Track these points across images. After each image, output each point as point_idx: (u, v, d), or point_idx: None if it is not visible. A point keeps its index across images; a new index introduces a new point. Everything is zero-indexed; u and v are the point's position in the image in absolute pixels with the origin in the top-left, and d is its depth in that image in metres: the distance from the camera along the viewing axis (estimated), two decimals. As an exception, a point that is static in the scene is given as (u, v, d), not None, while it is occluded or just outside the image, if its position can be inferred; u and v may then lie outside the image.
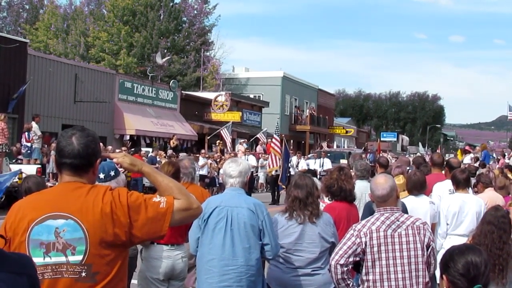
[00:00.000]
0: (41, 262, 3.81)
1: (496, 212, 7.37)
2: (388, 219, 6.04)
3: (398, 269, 5.95)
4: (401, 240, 5.98)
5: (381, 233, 5.98)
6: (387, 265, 5.95)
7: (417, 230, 6.05)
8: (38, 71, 33.88)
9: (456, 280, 3.58)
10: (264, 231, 6.65)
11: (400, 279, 5.95)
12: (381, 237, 5.97)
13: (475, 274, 3.53)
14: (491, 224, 7.19)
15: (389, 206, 6.14)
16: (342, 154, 43.90)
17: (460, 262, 3.58)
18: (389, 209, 6.11)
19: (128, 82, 42.05)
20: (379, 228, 6.00)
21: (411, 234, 6.01)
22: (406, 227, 6.03)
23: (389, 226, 6.00)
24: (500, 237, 7.13)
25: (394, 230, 5.99)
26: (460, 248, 3.73)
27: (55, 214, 3.85)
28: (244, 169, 6.92)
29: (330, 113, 79.35)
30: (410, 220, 6.13)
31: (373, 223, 6.05)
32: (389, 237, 5.97)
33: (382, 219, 6.05)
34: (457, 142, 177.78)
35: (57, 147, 4.06)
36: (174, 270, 7.85)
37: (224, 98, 50.35)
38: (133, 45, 59.52)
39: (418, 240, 6.02)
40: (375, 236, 5.97)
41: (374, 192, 6.16)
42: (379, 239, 5.97)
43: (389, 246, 5.96)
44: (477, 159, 30.14)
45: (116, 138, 39.91)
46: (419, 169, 12.22)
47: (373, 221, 6.07)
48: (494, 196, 10.52)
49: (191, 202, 4.06)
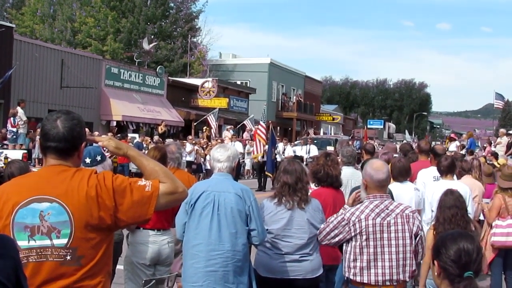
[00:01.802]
0: (26, 245, 3.79)
1: (453, 195, 7.57)
2: (377, 207, 6.04)
3: (386, 257, 5.96)
4: (389, 228, 5.99)
5: (370, 221, 5.98)
6: (374, 253, 5.96)
7: (406, 218, 6.06)
8: (24, 56, 33.71)
9: (447, 266, 3.57)
10: (251, 217, 6.63)
11: (387, 267, 5.96)
12: (369, 225, 5.97)
13: (467, 261, 3.52)
14: (454, 207, 7.38)
15: (383, 192, 6.15)
16: (329, 141, 43.91)
17: (452, 248, 3.57)
18: (378, 196, 6.11)
19: (114, 68, 41.90)
20: (368, 216, 6.00)
21: (400, 222, 6.01)
22: (396, 215, 6.03)
23: (378, 214, 6.00)
24: (463, 217, 7.42)
25: (383, 219, 5.99)
26: (453, 234, 3.72)
27: (40, 197, 3.82)
28: (232, 154, 6.90)
29: (317, 100, 79.37)
30: (400, 208, 6.12)
31: (362, 211, 6.05)
32: (378, 226, 5.98)
33: (371, 207, 6.05)
34: (443, 130, 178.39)
35: (42, 131, 4.02)
36: (160, 255, 7.83)
37: (211, 84, 50.25)
38: (120, 30, 59.25)
39: (407, 229, 6.03)
40: (364, 225, 5.97)
41: (374, 176, 6.12)
42: (367, 228, 5.97)
43: (378, 235, 5.96)
44: (463, 146, 30.24)
45: (103, 124, 39.79)
46: (407, 156, 12.25)
47: (362, 209, 6.07)
48: (471, 183, 10.54)
49: (177, 186, 4.04)
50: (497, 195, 10.25)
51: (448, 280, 3.62)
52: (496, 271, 10.21)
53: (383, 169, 6.16)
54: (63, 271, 3.82)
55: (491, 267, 10.16)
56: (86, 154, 7.12)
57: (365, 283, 5.98)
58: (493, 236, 10.09)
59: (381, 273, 5.95)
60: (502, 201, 10.09)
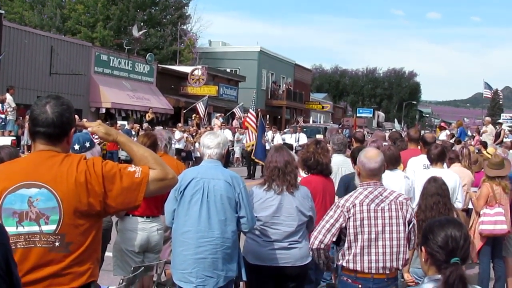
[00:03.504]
0: (14, 231, 3.77)
1: (436, 183, 7.61)
2: (371, 194, 6.06)
3: (380, 243, 5.97)
4: (383, 214, 6.00)
5: (365, 207, 5.99)
6: (369, 239, 5.97)
7: (400, 205, 6.08)
8: (13, 43, 33.50)
9: (434, 252, 3.60)
10: (240, 204, 6.63)
11: (381, 253, 5.97)
12: (364, 211, 5.98)
13: (454, 247, 3.54)
14: (436, 195, 7.44)
15: (376, 179, 6.16)
16: (318, 129, 44.05)
17: (439, 235, 3.59)
18: (372, 183, 6.13)
19: (104, 55, 41.73)
20: (362, 202, 6.01)
21: (394, 209, 6.03)
22: (389, 202, 6.05)
23: (373, 200, 6.02)
24: (445, 205, 7.48)
25: (377, 205, 6.01)
26: (440, 221, 3.74)
27: (29, 183, 3.80)
28: (222, 141, 6.90)
29: (306, 89, 79.30)
30: (393, 195, 6.15)
31: (356, 197, 6.06)
32: (372, 211, 5.99)
33: (365, 193, 6.06)
34: (432, 119, 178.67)
35: (31, 115, 4.00)
36: (149, 242, 7.82)
37: (200, 72, 50.09)
38: (109, 17, 59.05)
39: (400, 215, 6.04)
40: (358, 210, 5.98)
41: (366, 165, 6.14)
42: (362, 213, 5.98)
43: (372, 221, 5.98)
44: (453, 135, 30.29)
45: (92, 111, 39.66)
46: (396, 144, 12.24)
47: (356, 195, 6.08)
48: (460, 171, 10.57)
49: (167, 172, 4.03)
50: (485, 183, 10.28)
51: (435, 266, 3.64)
52: (484, 259, 10.26)
53: (376, 158, 6.16)
54: (52, 258, 3.81)
55: (480, 255, 10.20)
56: (75, 140, 7.08)
57: (357, 270, 5.99)
58: (481, 225, 10.12)
59: (375, 260, 5.95)
60: (489, 189, 10.13)
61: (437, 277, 3.56)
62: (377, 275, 5.98)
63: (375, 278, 5.99)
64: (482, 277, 10.18)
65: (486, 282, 10.14)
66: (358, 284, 6.00)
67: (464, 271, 3.47)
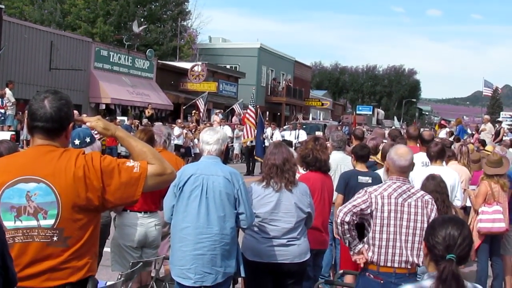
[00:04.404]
0: (12, 226, 3.78)
1: (435, 180, 7.65)
2: (400, 188, 6.15)
3: (403, 238, 6.04)
4: (410, 210, 6.08)
5: (393, 200, 6.07)
6: (394, 232, 6.04)
7: (426, 203, 6.17)
8: (13, 38, 33.47)
9: (432, 247, 3.70)
10: (239, 200, 6.63)
11: (404, 247, 6.02)
12: (392, 203, 6.06)
13: (450, 244, 3.62)
14: (435, 192, 7.44)
15: (404, 176, 6.24)
16: (318, 126, 44.03)
17: (439, 231, 3.69)
18: (401, 179, 6.20)
19: (104, 51, 41.72)
20: (390, 194, 6.09)
21: (420, 206, 6.13)
22: (416, 198, 6.16)
23: (401, 194, 6.12)
24: (443, 202, 7.50)
25: (404, 200, 6.10)
26: (443, 219, 3.84)
27: (27, 178, 3.81)
28: (222, 137, 6.89)
29: (306, 85, 79.27)
30: (420, 193, 6.27)
31: (385, 189, 6.13)
32: (399, 205, 6.07)
33: (394, 187, 6.15)
34: (432, 116, 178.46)
35: (29, 110, 4.00)
36: (147, 238, 7.81)
37: (200, 68, 50.08)
38: (109, 13, 59.01)
39: (425, 213, 6.13)
40: (387, 202, 6.05)
41: (396, 162, 6.21)
42: (390, 206, 6.05)
43: (398, 214, 6.06)
44: (452, 133, 30.30)
45: (92, 106, 39.64)
46: (395, 141, 12.23)
47: (385, 187, 6.16)
48: (457, 169, 10.57)
49: (165, 167, 4.03)
50: (483, 181, 10.29)
51: (433, 262, 3.72)
52: (482, 257, 10.27)
53: (407, 156, 6.23)
54: (50, 252, 3.82)
55: (477, 253, 10.22)
56: (75, 135, 7.10)
57: (380, 264, 6.03)
58: (479, 223, 10.14)
59: (399, 253, 6.01)
60: (488, 187, 10.14)
61: (436, 273, 3.60)
62: (399, 270, 6.03)
63: (397, 272, 6.03)
64: (480, 275, 10.20)
65: (484, 280, 10.15)
66: (379, 279, 6.03)
67: (457, 268, 3.51)
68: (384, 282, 6.03)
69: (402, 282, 5.94)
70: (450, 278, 3.47)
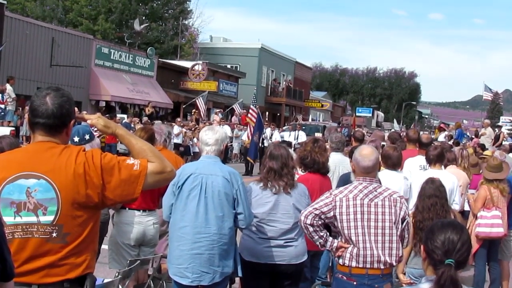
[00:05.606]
0: (12, 221, 3.79)
1: (434, 184, 7.61)
2: (366, 188, 6.10)
3: (372, 238, 5.99)
4: (377, 210, 6.03)
5: (358, 201, 6.03)
6: (363, 233, 5.99)
7: (394, 202, 6.10)
8: (14, 34, 33.44)
9: (431, 251, 3.68)
10: (238, 200, 6.63)
11: (374, 248, 5.98)
12: (357, 205, 6.02)
13: (449, 249, 3.60)
14: (434, 196, 7.46)
15: (371, 176, 6.19)
16: (317, 127, 44.04)
17: (438, 235, 3.67)
18: (368, 179, 6.16)
19: (105, 48, 41.69)
20: (356, 196, 6.05)
21: (387, 205, 6.06)
22: (383, 198, 6.08)
23: (366, 195, 6.06)
24: (442, 206, 7.49)
25: (371, 200, 6.04)
26: (443, 223, 3.82)
27: (27, 174, 3.82)
28: (221, 137, 6.88)
29: (306, 86, 79.26)
30: (388, 192, 6.18)
31: (350, 190, 6.10)
32: (366, 206, 6.02)
33: (360, 188, 6.11)
34: (432, 120, 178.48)
35: (30, 106, 4.01)
36: (145, 236, 7.81)
37: (201, 67, 50.07)
38: (111, 10, 58.96)
39: (393, 212, 6.07)
40: (352, 204, 6.01)
41: (360, 163, 6.19)
42: (355, 207, 6.01)
43: (365, 215, 6.01)
44: (451, 137, 30.30)
45: (92, 103, 39.63)
46: (395, 144, 12.23)
47: (350, 189, 6.13)
48: (456, 173, 10.57)
49: (165, 165, 4.04)
50: (483, 186, 10.29)
51: (432, 266, 3.70)
52: (480, 261, 10.28)
53: (370, 156, 6.19)
54: (49, 248, 3.82)
55: (475, 258, 10.22)
56: (74, 132, 7.09)
57: (352, 266, 6.01)
58: (477, 227, 10.14)
59: (370, 254, 5.97)
60: (487, 192, 10.14)
61: (434, 277, 3.60)
62: (372, 270, 6.00)
63: (370, 274, 6.00)
64: (477, 279, 10.20)
65: (481, 285, 10.17)
66: (353, 281, 6.01)
67: (456, 273, 3.51)
68: (358, 284, 6.01)
69: (376, 283, 5.96)
70: (449, 283, 3.46)
